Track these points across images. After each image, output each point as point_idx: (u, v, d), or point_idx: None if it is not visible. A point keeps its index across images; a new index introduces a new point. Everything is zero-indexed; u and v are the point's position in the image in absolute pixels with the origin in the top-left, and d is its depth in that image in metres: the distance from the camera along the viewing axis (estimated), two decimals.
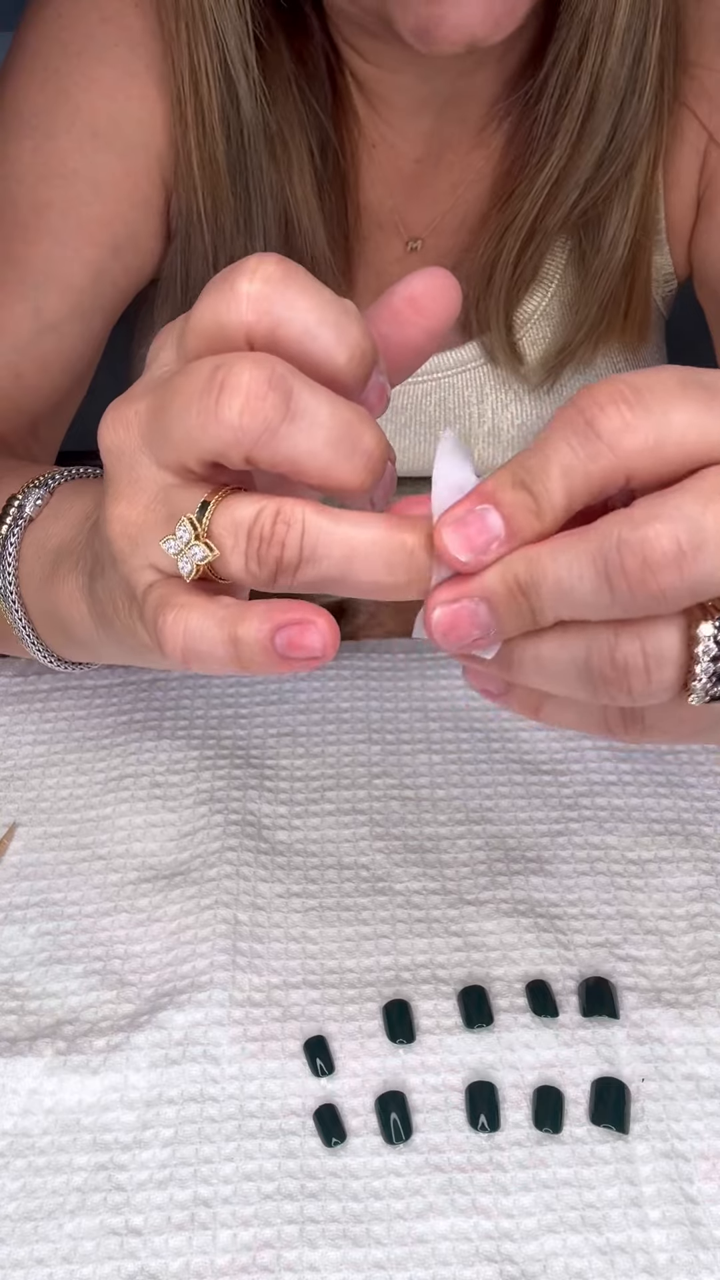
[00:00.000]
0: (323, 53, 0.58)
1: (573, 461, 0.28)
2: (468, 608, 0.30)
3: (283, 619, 0.31)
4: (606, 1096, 0.41)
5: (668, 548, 0.27)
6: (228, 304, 0.31)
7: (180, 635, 0.32)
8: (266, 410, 0.30)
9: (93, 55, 0.57)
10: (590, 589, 0.28)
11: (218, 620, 0.31)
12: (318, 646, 0.31)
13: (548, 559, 0.29)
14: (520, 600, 0.30)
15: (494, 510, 0.29)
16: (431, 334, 0.34)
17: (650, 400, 0.28)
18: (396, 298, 0.34)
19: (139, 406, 0.33)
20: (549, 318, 0.65)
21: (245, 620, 0.31)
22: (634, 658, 0.29)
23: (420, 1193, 0.39)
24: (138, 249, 0.61)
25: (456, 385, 0.66)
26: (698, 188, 0.62)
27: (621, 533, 0.27)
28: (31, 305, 0.58)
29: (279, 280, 0.30)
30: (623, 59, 0.54)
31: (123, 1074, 0.42)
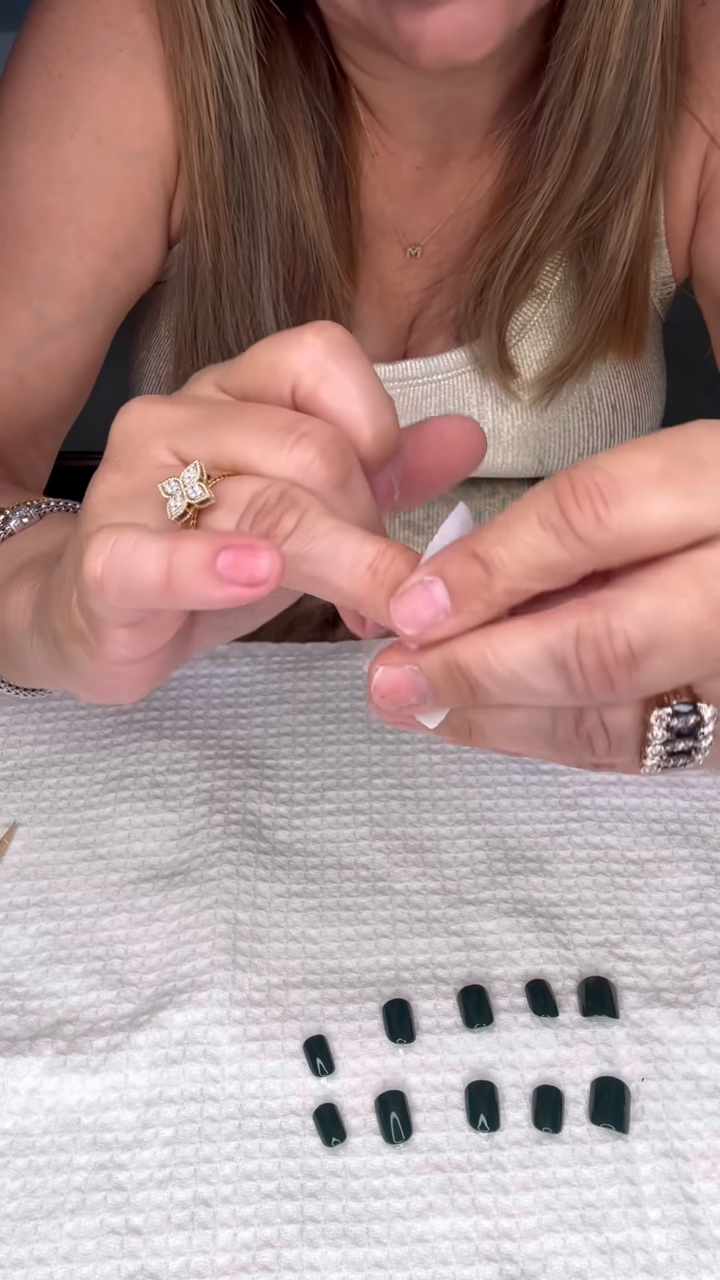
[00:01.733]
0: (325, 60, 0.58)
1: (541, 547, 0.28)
2: (408, 674, 0.30)
3: (231, 540, 0.30)
4: (606, 1096, 0.41)
5: (621, 649, 0.27)
6: (292, 348, 0.32)
7: (109, 545, 0.31)
8: (333, 471, 0.32)
9: (97, 60, 0.57)
10: (545, 681, 0.28)
11: (154, 537, 0.30)
12: (264, 569, 0.29)
13: (499, 647, 0.28)
14: (460, 680, 0.29)
15: (440, 583, 0.29)
16: (449, 473, 0.36)
17: (627, 494, 0.27)
18: (429, 430, 0.35)
19: (183, 412, 0.33)
20: (542, 330, 0.65)
21: (185, 541, 0.30)
22: (596, 731, 0.30)
23: (420, 1192, 0.39)
24: (139, 255, 0.61)
25: (456, 387, 0.67)
26: (698, 190, 0.62)
27: (580, 627, 0.27)
28: (34, 311, 0.58)
29: (341, 346, 0.32)
30: (618, 88, 0.54)
31: (123, 1073, 0.42)
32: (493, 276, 0.61)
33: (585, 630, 0.27)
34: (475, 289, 0.62)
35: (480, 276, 0.61)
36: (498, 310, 0.62)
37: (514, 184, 0.60)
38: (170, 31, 0.55)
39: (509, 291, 0.61)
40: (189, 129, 0.56)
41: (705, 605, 0.27)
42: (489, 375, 0.65)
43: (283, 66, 0.57)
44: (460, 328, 0.65)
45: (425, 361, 0.66)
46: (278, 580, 0.30)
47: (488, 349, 0.64)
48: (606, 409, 0.69)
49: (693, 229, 0.63)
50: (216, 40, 0.53)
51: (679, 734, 0.30)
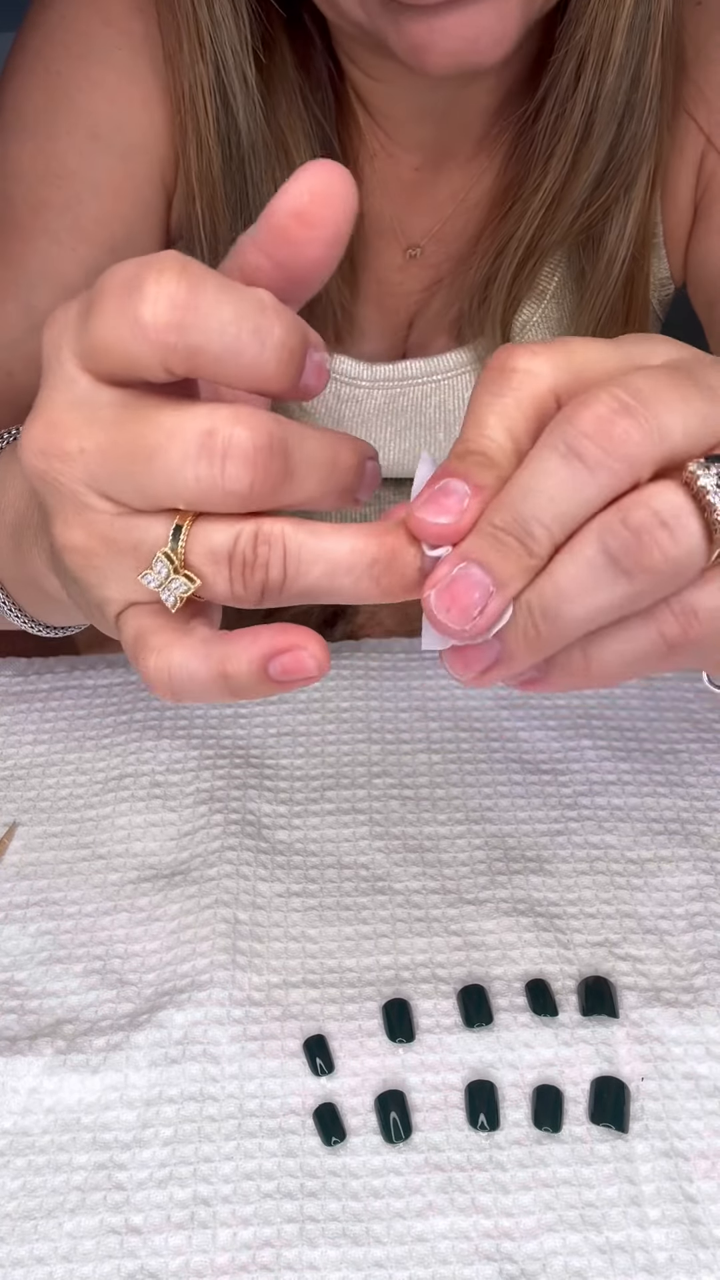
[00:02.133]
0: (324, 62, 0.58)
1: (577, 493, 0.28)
2: (461, 573, 0.29)
3: (271, 647, 0.30)
4: (606, 1095, 0.41)
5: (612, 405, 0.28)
6: (133, 335, 0.28)
7: (166, 678, 0.31)
8: (275, 475, 0.29)
9: (95, 58, 0.57)
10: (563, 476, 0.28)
11: (202, 656, 0.30)
12: (313, 669, 0.30)
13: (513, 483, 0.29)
14: (506, 538, 0.29)
15: (454, 479, 0.29)
16: (333, 242, 0.30)
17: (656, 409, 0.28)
18: (280, 214, 0.30)
19: (83, 444, 0.30)
20: (543, 330, 0.65)
21: (233, 656, 0.30)
22: (647, 519, 0.28)
23: (420, 1192, 0.39)
24: (135, 250, 0.61)
25: (456, 387, 0.67)
26: (695, 193, 0.62)
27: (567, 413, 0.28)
28: (23, 303, 0.58)
29: (185, 298, 0.28)
30: (620, 83, 0.54)
31: (123, 1073, 0.42)
32: (496, 273, 0.60)
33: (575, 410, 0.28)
34: (479, 286, 0.62)
35: (484, 273, 0.61)
36: (501, 307, 0.62)
37: (514, 181, 0.60)
38: (168, 31, 0.55)
39: (513, 288, 0.61)
40: (186, 131, 0.56)
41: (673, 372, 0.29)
42: None
43: (280, 68, 0.57)
44: (462, 327, 0.64)
45: (426, 361, 0.66)
46: (327, 666, 0.30)
47: (491, 347, 0.64)
48: None
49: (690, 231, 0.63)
50: (214, 40, 0.53)
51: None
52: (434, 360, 0.66)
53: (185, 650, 0.31)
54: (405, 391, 0.67)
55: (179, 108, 0.56)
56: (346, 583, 0.30)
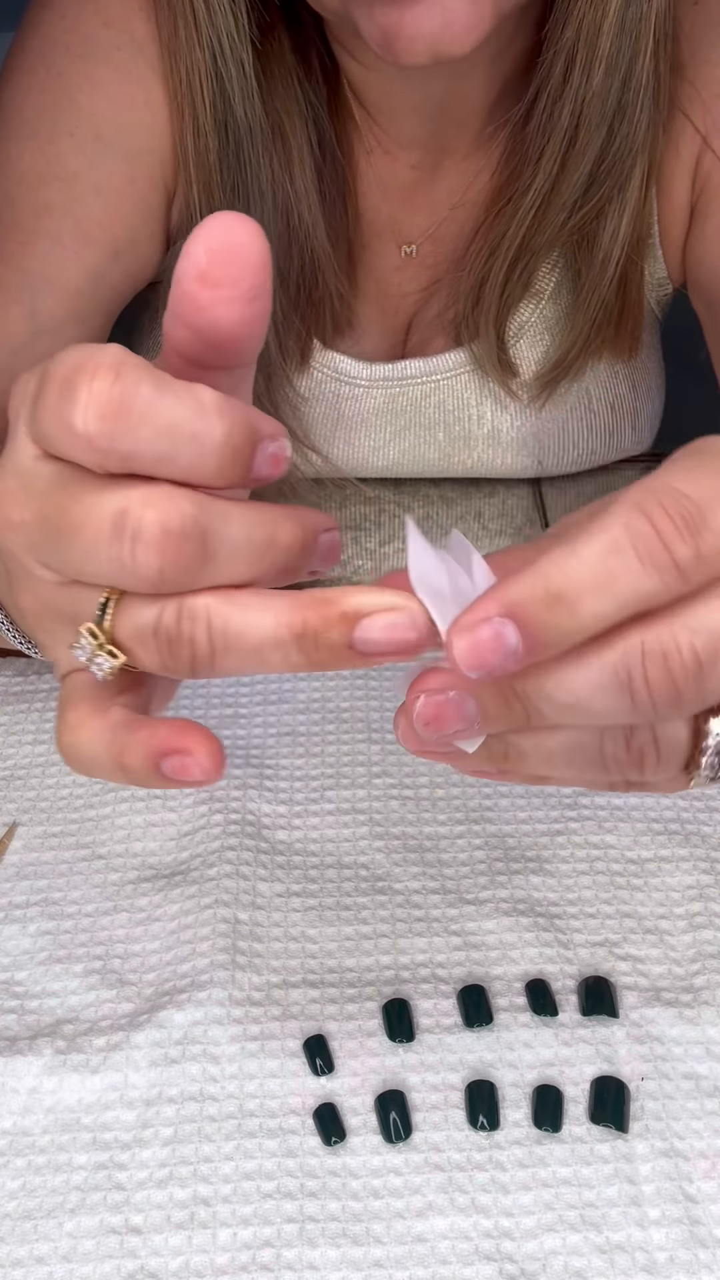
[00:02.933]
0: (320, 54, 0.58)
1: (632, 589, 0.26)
2: (455, 700, 0.28)
3: (166, 746, 0.30)
4: (606, 1095, 0.41)
5: (688, 660, 0.26)
6: (67, 439, 0.27)
7: (73, 756, 0.31)
8: (185, 561, 0.28)
9: (96, 58, 0.57)
10: (608, 701, 0.27)
11: (105, 743, 0.31)
12: (197, 776, 0.30)
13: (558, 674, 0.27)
14: (516, 706, 0.28)
15: (512, 626, 0.26)
16: (249, 298, 0.28)
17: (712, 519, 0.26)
18: (184, 280, 0.28)
19: (24, 515, 0.30)
20: (540, 331, 0.65)
21: (130, 748, 0.30)
22: (648, 745, 0.29)
23: (420, 1191, 0.39)
24: (137, 253, 0.61)
25: (455, 388, 0.67)
26: (691, 194, 0.62)
27: (645, 642, 0.26)
28: (28, 307, 0.58)
29: (116, 406, 0.27)
30: (609, 82, 0.53)
31: (122, 1073, 0.42)
32: (489, 273, 0.61)
33: (650, 645, 0.26)
34: (473, 287, 0.62)
35: (477, 274, 0.61)
36: (495, 308, 0.62)
37: (507, 182, 0.60)
38: (165, 15, 0.55)
39: (505, 289, 0.61)
40: (184, 115, 0.56)
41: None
42: (489, 375, 0.65)
43: (278, 56, 0.56)
44: (459, 328, 0.65)
45: (424, 361, 0.66)
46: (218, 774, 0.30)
47: (486, 348, 0.64)
48: (605, 409, 0.69)
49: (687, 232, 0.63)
50: (210, 25, 0.53)
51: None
52: (433, 360, 0.66)
53: (91, 733, 0.31)
54: (404, 391, 0.67)
55: (176, 93, 0.56)
56: (276, 657, 0.29)
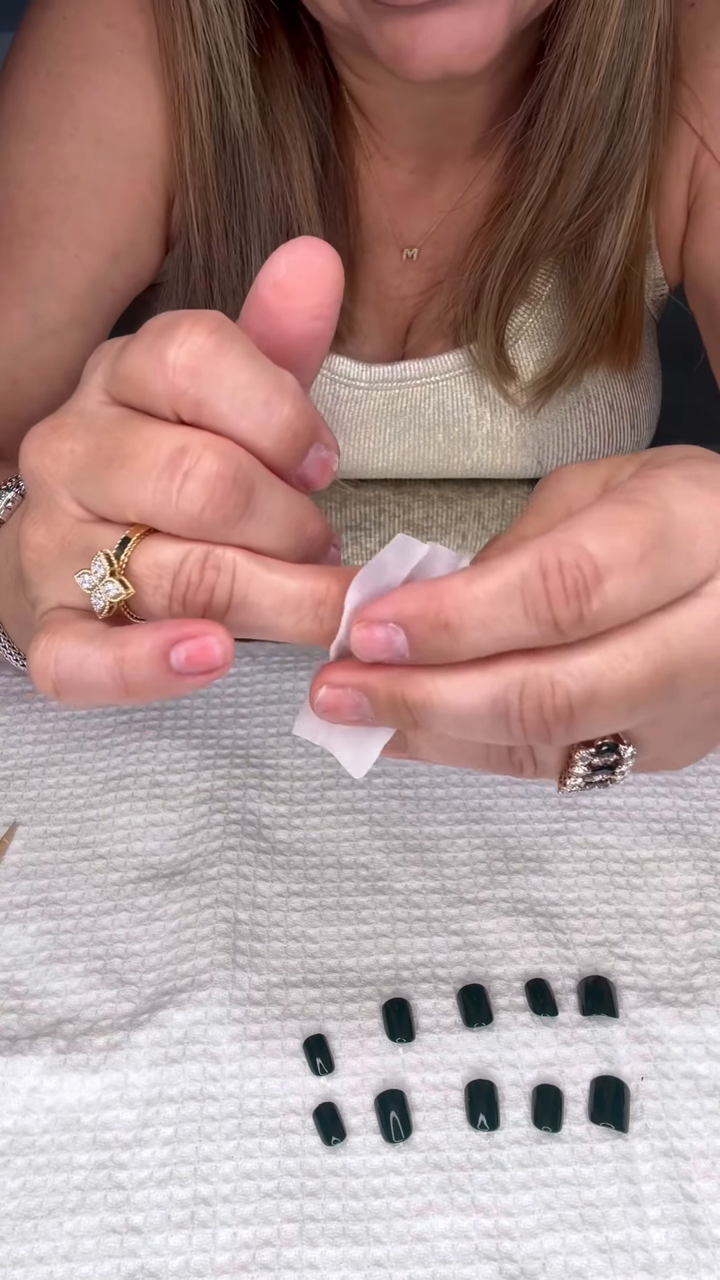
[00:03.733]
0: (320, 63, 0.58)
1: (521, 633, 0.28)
2: (351, 697, 0.30)
3: (176, 634, 0.29)
4: (605, 1095, 0.41)
5: (561, 706, 0.28)
6: (155, 367, 0.29)
7: (51, 664, 0.30)
8: (228, 509, 0.29)
9: (97, 60, 0.57)
10: (484, 725, 0.29)
11: (97, 644, 0.30)
12: (218, 656, 0.29)
13: (444, 690, 0.29)
14: (404, 714, 0.29)
15: (402, 635, 0.28)
16: (316, 315, 0.31)
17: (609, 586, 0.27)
18: (260, 286, 0.31)
19: (74, 446, 0.31)
20: (537, 333, 0.65)
21: (132, 641, 0.29)
22: (526, 760, 0.32)
23: (420, 1191, 0.39)
24: (137, 256, 0.61)
25: (455, 389, 0.67)
26: (688, 196, 0.62)
27: (525, 682, 0.28)
28: (30, 311, 0.58)
29: (210, 351, 0.29)
30: (608, 91, 0.53)
31: (123, 1072, 0.42)
32: (487, 278, 0.61)
33: (529, 685, 0.28)
34: (472, 290, 0.62)
35: (476, 278, 0.61)
36: (493, 312, 0.62)
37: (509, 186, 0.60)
38: (163, 20, 0.55)
39: (504, 294, 0.61)
40: (180, 121, 0.56)
41: (645, 667, 0.28)
42: (487, 377, 0.65)
43: (278, 65, 0.56)
44: (459, 331, 0.65)
45: (424, 363, 0.66)
46: (232, 656, 0.30)
47: (485, 351, 0.64)
48: (604, 409, 0.69)
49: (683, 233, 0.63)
50: (207, 30, 0.53)
51: (599, 768, 0.32)
52: (432, 361, 0.66)
53: (79, 637, 0.30)
54: (404, 393, 0.67)
55: (173, 98, 0.56)
56: (289, 621, 0.30)
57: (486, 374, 0.65)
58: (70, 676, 0.30)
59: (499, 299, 0.61)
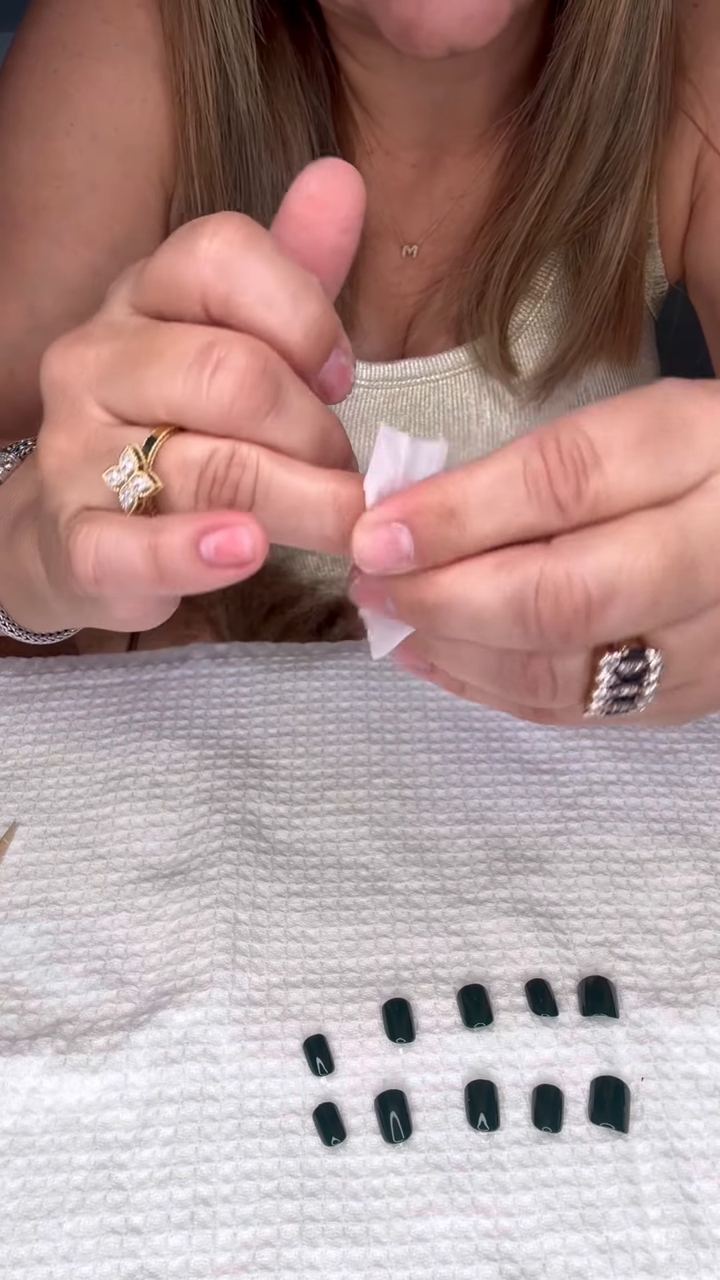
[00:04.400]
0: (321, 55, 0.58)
1: (522, 515, 0.28)
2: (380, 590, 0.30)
3: (208, 524, 0.30)
4: (606, 1095, 0.41)
5: (579, 601, 0.27)
6: (185, 261, 0.30)
7: (92, 549, 0.31)
8: (258, 400, 0.30)
9: (94, 56, 0.57)
10: (501, 626, 0.28)
11: (135, 530, 0.30)
12: (248, 549, 0.29)
13: (459, 590, 0.29)
14: (421, 616, 0.30)
15: (407, 533, 0.29)
16: (344, 228, 0.32)
17: (606, 463, 0.28)
18: (295, 204, 0.32)
19: (100, 350, 0.32)
20: (538, 329, 0.65)
21: (166, 528, 0.30)
22: (543, 675, 0.30)
23: (420, 1191, 0.39)
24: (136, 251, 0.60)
25: (454, 387, 0.67)
26: (690, 192, 0.62)
27: (541, 577, 0.28)
28: (26, 304, 0.58)
29: (240, 244, 0.30)
30: (616, 81, 0.54)
31: (122, 1073, 0.42)
32: (492, 270, 0.61)
33: (545, 581, 0.28)
34: (476, 284, 0.62)
35: (482, 270, 0.61)
36: (499, 305, 0.62)
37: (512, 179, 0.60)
38: (169, 11, 0.55)
39: (509, 286, 0.61)
40: (186, 109, 0.56)
41: (663, 559, 0.28)
42: (490, 372, 0.65)
43: (279, 56, 0.57)
44: (461, 326, 0.65)
45: (424, 361, 0.66)
46: (264, 552, 0.30)
47: (489, 345, 0.64)
48: None
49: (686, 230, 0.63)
50: (215, 18, 0.53)
51: (625, 679, 0.30)
52: (433, 360, 0.66)
53: (119, 526, 0.31)
54: (404, 391, 0.67)
55: (179, 86, 0.56)
56: (312, 524, 0.30)
57: (490, 369, 0.65)
58: (108, 560, 0.31)
59: (504, 291, 0.61)
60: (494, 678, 0.31)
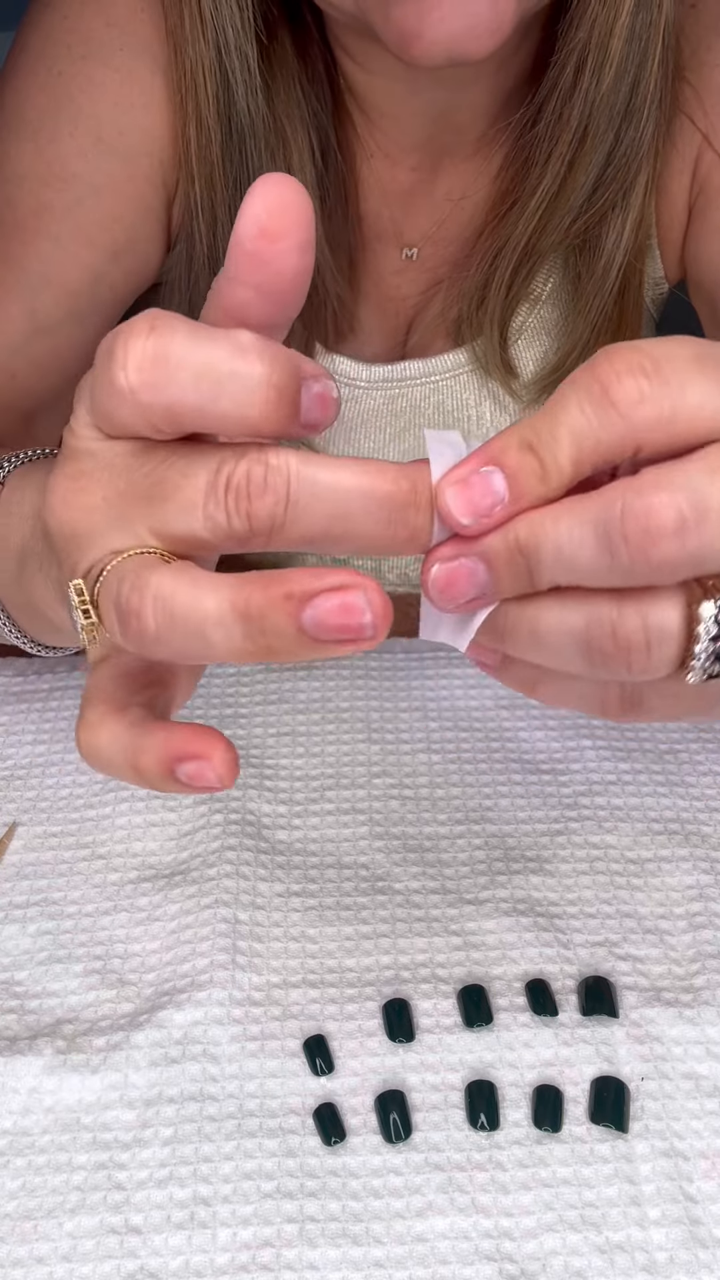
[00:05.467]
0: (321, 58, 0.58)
1: (584, 428, 0.28)
2: (466, 566, 0.29)
3: (181, 751, 0.30)
4: (606, 1095, 0.41)
5: (670, 517, 0.27)
6: (117, 401, 0.29)
7: (90, 755, 0.32)
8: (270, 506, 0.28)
9: (97, 59, 0.57)
10: (591, 555, 0.28)
11: (121, 745, 0.31)
12: (212, 781, 0.30)
13: (550, 523, 0.28)
14: (519, 561, 0.29)
15: (499, 472, 0.29)
16: (302, 249, 0.30)
17: (668, 373, 0.27)
18: (247, 240, 0.29)
19: (106, 494, 0.31)
20: (536, 332, 0.65)
21: (146, 750, 0.30)
22: (635, 634, 0.29)
23: (420, 1191, 0.39)
24: (138, 254, 0.61)
25: (454, 388, 0.67)
26: (690, 194, 0.62)
27: (625, 500, 0.27)
28: (27, 306, 0.58)
29: (152, 362, 0.28)
30: (618, 87, 0.54)
31: (122, 1073, 0.42)
32: (494, 275, 0.61)
33: (631, 502, 0.27)
34: (477, 288, 0.62)
35: (482, 275, 0.61)
36: (499, 308, 0.62)
37: (512, 184, 0.60)
38: (170, 9, 0.55)
39: (510, 289, 0.61)
40: (187, 108, 0.56)
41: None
42: (490, 375, 0.65)
43: (280, 58, 0.56)
44: (460, 328, 0.65)
45: (424, 362, 0.66)
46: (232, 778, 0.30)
47: (489, 348, 0.64)
48: None
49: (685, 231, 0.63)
50: (215, 18, 0.53)
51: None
52: (432, 361, 0.66)
53: (109, 732, 0.31)
54: (404, 392, 0.67)
55: (180, 86, 0.56)
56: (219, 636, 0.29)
57: (490, 372, 0.65)
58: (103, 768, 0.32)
59: (506, 292, 0.61)
60: (581, 648, 0.30)
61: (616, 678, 0.30)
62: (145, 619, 0.29)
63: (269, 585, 0.28)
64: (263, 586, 0.28)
